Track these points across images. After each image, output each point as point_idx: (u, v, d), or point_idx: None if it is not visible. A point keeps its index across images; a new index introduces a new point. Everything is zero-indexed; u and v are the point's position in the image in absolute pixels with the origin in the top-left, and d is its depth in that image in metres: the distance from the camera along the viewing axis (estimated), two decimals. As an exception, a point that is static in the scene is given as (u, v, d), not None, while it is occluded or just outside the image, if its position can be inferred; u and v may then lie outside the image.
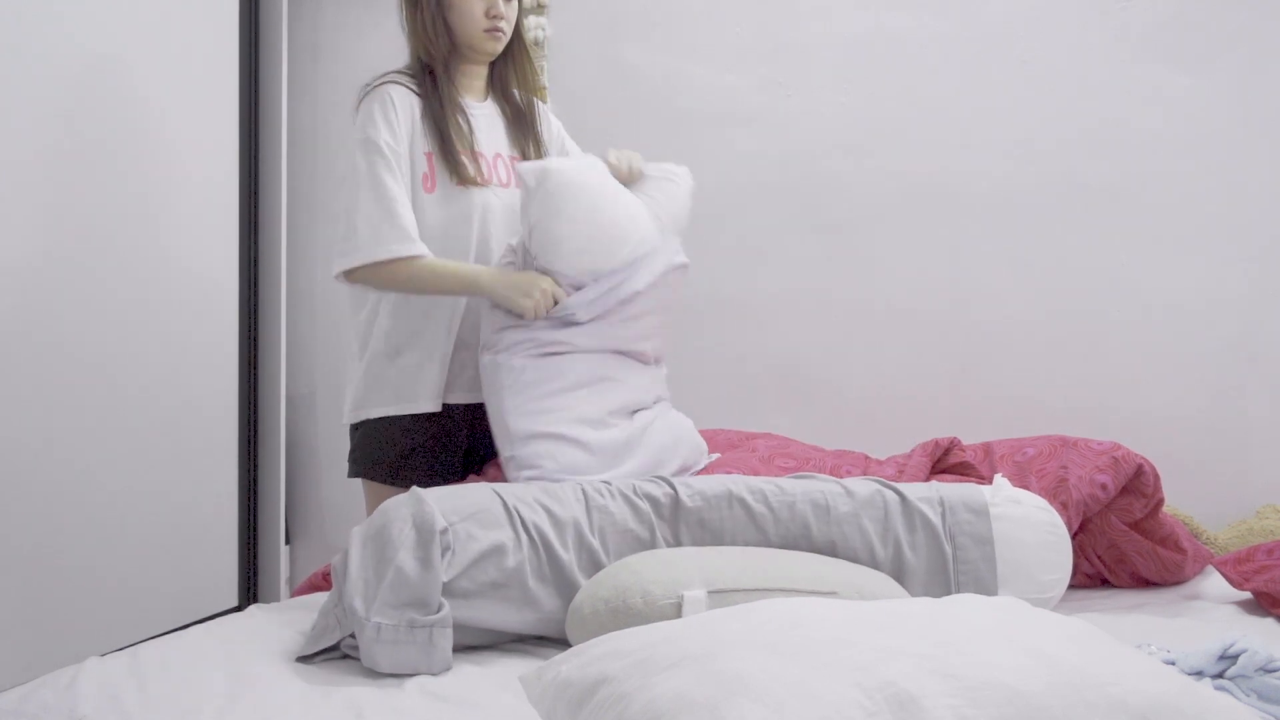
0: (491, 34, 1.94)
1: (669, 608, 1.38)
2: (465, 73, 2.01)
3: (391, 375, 1.95)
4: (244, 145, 2.75)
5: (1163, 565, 1.82)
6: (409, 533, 1.47)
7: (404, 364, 1.95)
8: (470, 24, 1.93)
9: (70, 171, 2.22)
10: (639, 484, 1.66)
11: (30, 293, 2.13)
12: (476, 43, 1.95)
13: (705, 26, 2.68)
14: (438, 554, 1.44)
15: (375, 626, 1.38)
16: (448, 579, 1.45)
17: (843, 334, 2.60)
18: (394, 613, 1.39)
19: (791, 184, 2.63)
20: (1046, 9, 2.45)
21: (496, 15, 1.93)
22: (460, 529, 1.49)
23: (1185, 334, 2.36)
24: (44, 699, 1.30)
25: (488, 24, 1.93)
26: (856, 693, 0.91)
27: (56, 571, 2.19)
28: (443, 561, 1.45)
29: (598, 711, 1.00)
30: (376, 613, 1.39)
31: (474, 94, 2.03)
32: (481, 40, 1.95)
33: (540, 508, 1.57)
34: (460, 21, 1.93)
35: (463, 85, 2.01)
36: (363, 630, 1.38)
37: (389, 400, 1.95)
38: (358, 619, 1.39)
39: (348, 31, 2.94)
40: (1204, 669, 1.26)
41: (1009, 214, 2.48)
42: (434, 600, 1.42)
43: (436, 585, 1.43)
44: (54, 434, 2.18)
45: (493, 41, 1.96)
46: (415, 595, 1.41)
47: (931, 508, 1.62)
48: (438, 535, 1.46)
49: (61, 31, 2.18)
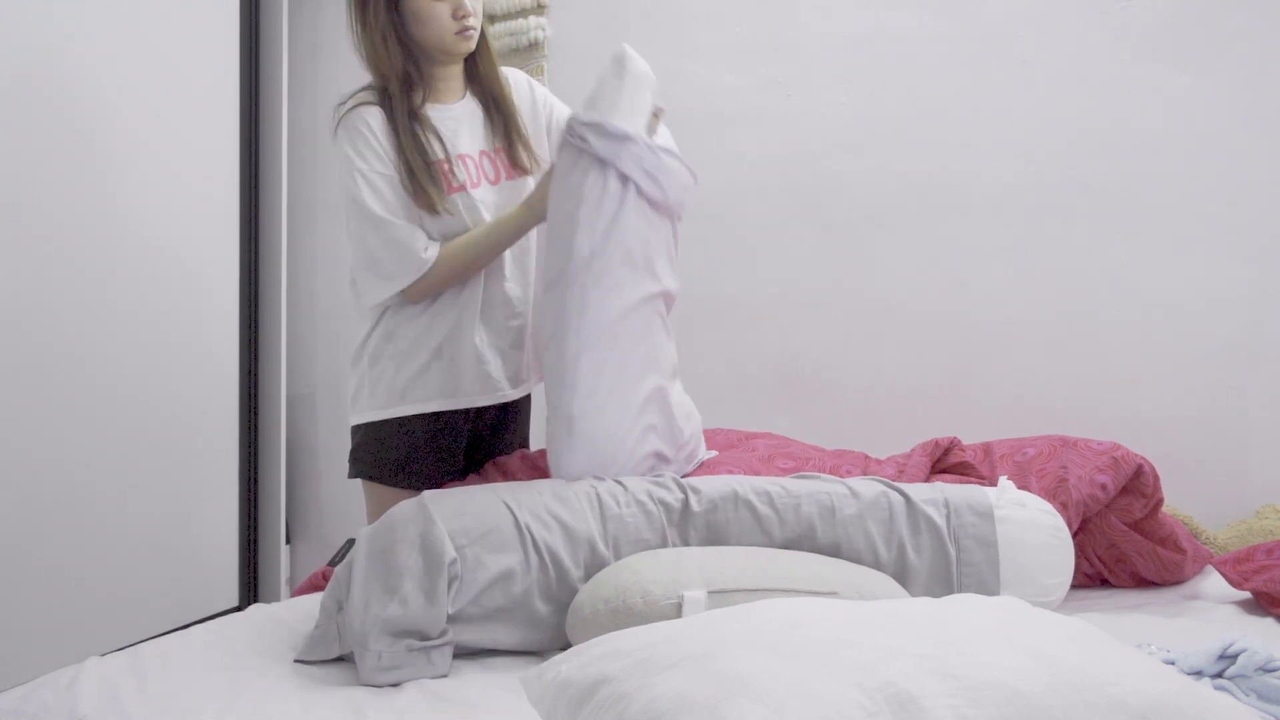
0: (463, 35, 1.89)
1: (669, 608, 1.38)
2: (438, 75, 1.96)
3: (395, 377, 1.95)
4: (244, 145, 2.75)
5: (1162, 565, 1.82)
6: (416, 560, 1.45)
7: (408, 366, 1.94)
8: (438, 30, 1.88)
9: (70, 171, 2.22)
10: (653, 489, 1.64)
11: (30, 293, 2.13)
12: (449, 46, 1.90)
13: (705, 26, 2.68)
14: (444, 587, 1.43)
15: (376, 654, 1.38)
16: (454, 610, 1.44)
17: (843, 334, 2.60)
18: (393, 640, 1.39)
19: (791, 184, 2.63)
20: (1046, 9, 2.45)
21: (464, 15, 1.87)
22: (469, 554, 1.48)
23: (1185, 334, 2.36)
24: (44, 699, 1.30)
25: (457, 26, 1.88)
26: (856, 693, 0.91)
27: (57, 571, 2.19)
28: (449, 593, 1.44)
29: (598, 711, 1.00)
30: (377, 641, 1.38)
31: (450, 95, 1.98)
32: (454, 43, 1.90)
33: (553, 521, 1.54)
34: (427, 30, 1.88)
35: (438, 89, 1.96)
36: (364, 656, 1.38)
37: (394, 401, 1.95)
38: (358, 643, 1.39)
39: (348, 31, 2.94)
40: (1204, 669, 1.26)
41: (1009, 214, 2.48)
42: (437, 631, 1.42)
43: (441, 618, 1.42)
44: (54, 434, 2.18)
45: (465, 42, 1.91)
46: (418, 628, 1.41)
47: (936, 510, 1.62)
48: (446, 567, 1.44)
49: (62, 32, 2.18)
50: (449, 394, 1.96)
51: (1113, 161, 2.41)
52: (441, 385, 1.95)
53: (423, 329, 1.94)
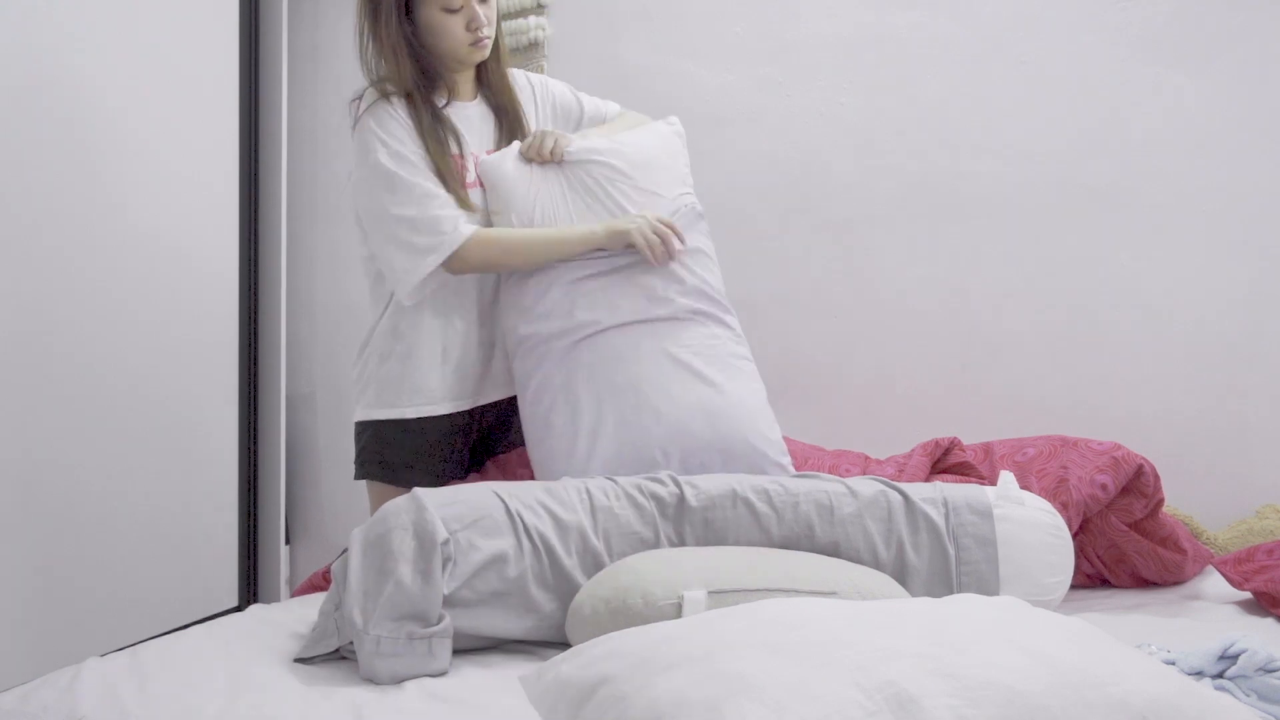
0: (477, 46, 1.91)
1: (669, 608, 1.38)
2: (452, 78, 1.98)
3: (403, 377, 1.94)
4: (244, 145, 2.75)
5: (1163, 565, 1.82)
6: (410, 543, 1.46)
7: (417, 367, 1.94)
8: (452, 42, 1.89)
9: (69, 171, 2.22)
10: (644, 483, 1.65)
11: (30, 293, 2.13)
12: (463, 56, 1.92)
13: (705, 26, 2.68)
14: (439, 566, 1.44)
15: (375, 639, 1.37)
16: (449, 591, 1.44)
17: (843, 334, 2.59)
18: (393, 625, 1.38)
19: (791, 184, 2.63)
20: (1046, 9, 2.45)
21: (478, 27, 1.89)
22: (462, 538, 1.48)
23: (1185, 334, 2.36)
24: (44, 699, 1.30)
25: (471, 37, 1.89)
26: (856, 693, 0.91)
27: (57, 571, 2.19)
28: (444, 573, 1.44)
29: (598, 711, 1.00)
30: (375, 625, 1.38)
31: (464, 95, 2.01)
32: (468, 54, 1.92)
33: (544, 511, 1.55)
34: (441, 42, 1.90)
35: (453, 91, 1.98)
36: (362, 642, 1.38)
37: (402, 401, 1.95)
38: (356, 631, 1.39)
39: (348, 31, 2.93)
40: (1204, 669, 1.26)
41: (1009, 213, 2.48)
42: (434, 614, 1.42)
43: (437, 599, 1.42)
44: (54, 434, 2.18)
45: (479, 51, 1.93)
46: (415, 609, 1.41)
47: (935, 508, 1.62)
48: (439, 547, 1.45)
49: (60, 32, 2.18)
50: (456, 396, 1.96)
51: (1112, 161, 2.41)
52: (450, 387, 1.95)
53: (429, 329, 1.94)
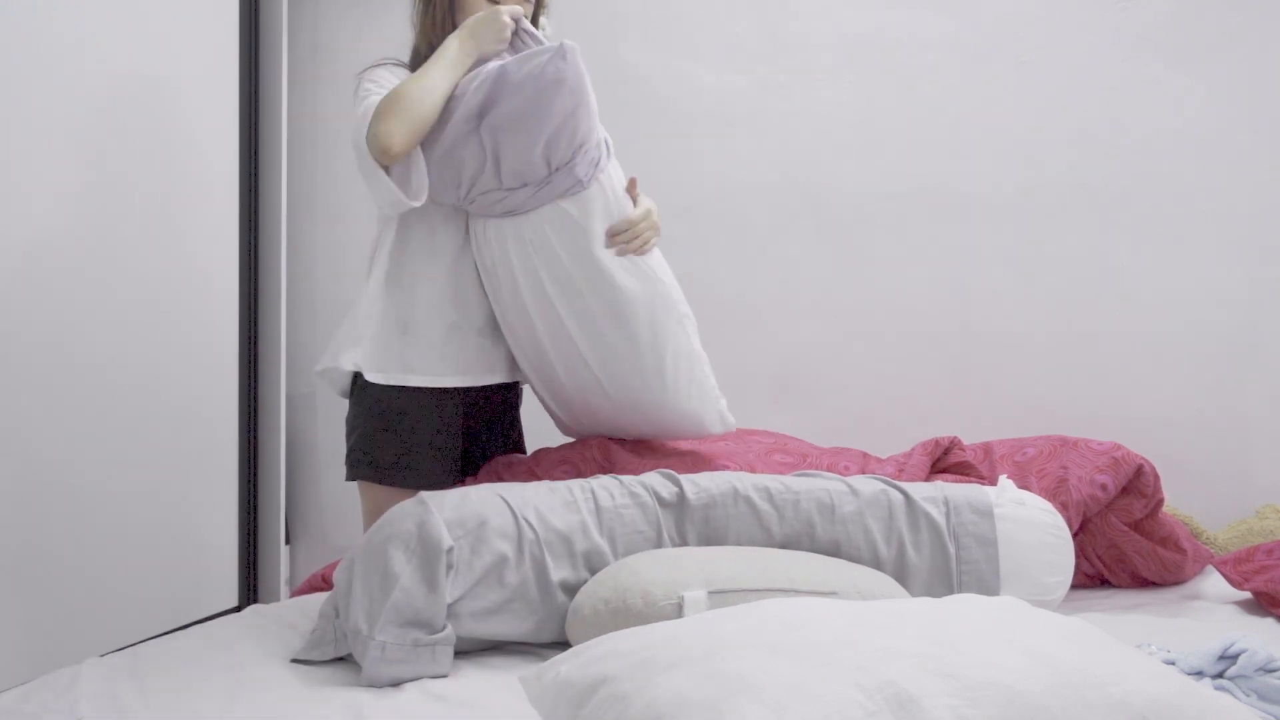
0: None
1: (669, 608, 1.38)
2: None
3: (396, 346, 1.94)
4: (244, 145, 2.75)
5: (1163, 565, 1.82)
6: (414, 549, 1.46)
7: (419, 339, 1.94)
8: None
9: (68, 171, 2.21)
10: (647, 480, 1.65)
11: (29, 292, 2.13)
12: None
13: (705, 26, 2.68)
14: (443, 574, 1.44)
15: (380, 645, 1.37)
16: (452, 599, 1.44)
17: (843, 334, 2.59)
18: (398, 631, 1.38)
19: (791, 184, 2.63)
20: (1046, 9, 2.45)
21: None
22: (465, 544, 1.48)
23: (1185, 334, 2.36)
24: (44, 699, 1.30)
25: None
26: (856, 693, 0.91)
27: (56, 572, 2.19)
28: (447, 580, 1.45)
29: (598, 711, 1.00)
30: (380, 631, 1.38)
31: None
32: None
33: (550, 514, 1.55)
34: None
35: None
36: (366, 649, 1.38)
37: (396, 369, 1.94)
38: (361, 636, 1.39)
39: (348, 31, 2.94)
40: (1204, 669, 1.26)
41: (1009, 213, 2.48)
42: (439, 621, 1.42)
43: (441, 608, 1.42)
44: (53, 433, 2.18)
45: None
46: (420, 616, 1.41)
47: (936, 508, 1.62)
48: (444, 554, 1.45)
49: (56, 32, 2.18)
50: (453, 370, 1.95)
51: (1112, 161, 2.41)
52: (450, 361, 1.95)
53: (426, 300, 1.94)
